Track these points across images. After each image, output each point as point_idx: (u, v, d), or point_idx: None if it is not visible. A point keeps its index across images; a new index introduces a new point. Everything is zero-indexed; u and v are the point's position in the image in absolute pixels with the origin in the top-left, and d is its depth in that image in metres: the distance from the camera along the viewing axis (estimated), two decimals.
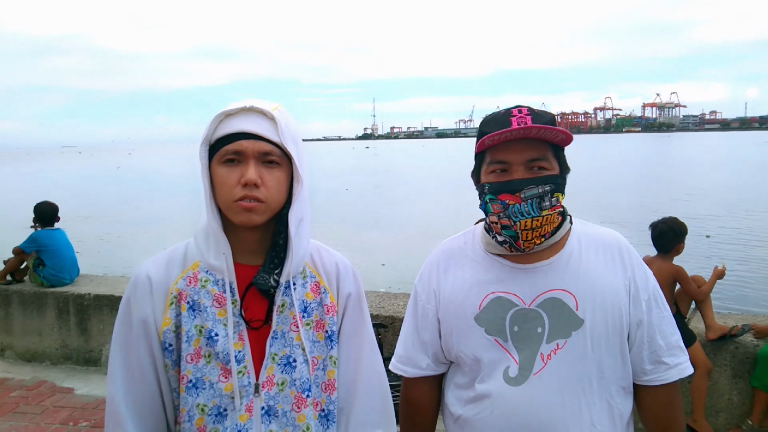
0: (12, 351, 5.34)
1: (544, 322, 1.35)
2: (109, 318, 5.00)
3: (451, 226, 14.65)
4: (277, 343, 1.23)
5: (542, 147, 1.32)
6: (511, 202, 1.31)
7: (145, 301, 1.20)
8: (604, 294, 1.35)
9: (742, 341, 3.59)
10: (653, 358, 1.38)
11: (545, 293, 1.36)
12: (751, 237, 14.50)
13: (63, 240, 5.47)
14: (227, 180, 1.17)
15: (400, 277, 10.60)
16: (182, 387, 1.18)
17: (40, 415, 4.14)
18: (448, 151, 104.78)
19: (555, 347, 1.34)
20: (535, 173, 1.32)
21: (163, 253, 1.28)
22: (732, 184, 28.18)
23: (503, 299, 1.38)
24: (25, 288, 5.33)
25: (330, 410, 1.27)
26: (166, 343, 1.19)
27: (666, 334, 1.39)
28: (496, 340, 1.37)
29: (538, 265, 1.38)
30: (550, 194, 1.31)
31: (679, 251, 3.81)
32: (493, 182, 1.34)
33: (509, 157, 1.32)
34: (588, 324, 1.34)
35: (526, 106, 1.36)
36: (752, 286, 10.01)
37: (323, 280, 1.31)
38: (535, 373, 1.33)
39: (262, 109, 1.19)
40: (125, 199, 27.48)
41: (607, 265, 1.39)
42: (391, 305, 4.35)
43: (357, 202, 22.94)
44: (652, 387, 1.40)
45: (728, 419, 3.63)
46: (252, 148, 1.16)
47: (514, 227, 1.32)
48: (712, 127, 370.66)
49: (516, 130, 1.29)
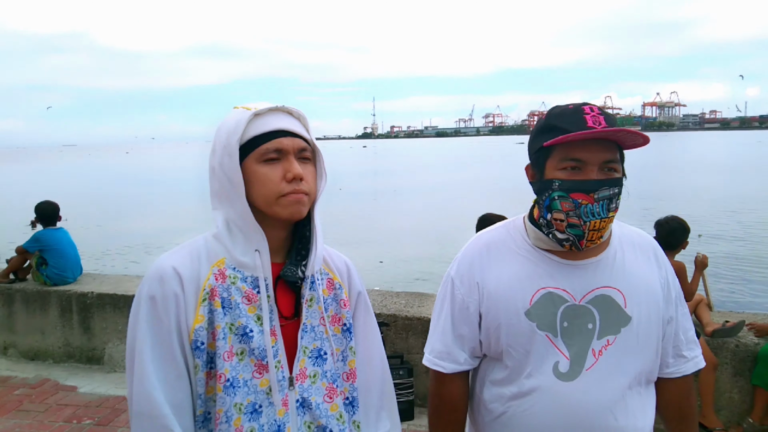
0: (15, 349, 5.36)
1: (594, 318, 1.37)
2: (112, 316, 5.03)
3: (449, 226, 14.69)
4: (307, 336, 1.25)
5: (614, 149, 1.33)
6: (584, 201, 1.31)
7: (177, 296, 1.15)
8: (647, 292, 1.41)
9: (742, 341, 3.61)
10: (675, 352, 1.47)
11: (595, 290, 1.39)
12: (748, 235, 14.54)
13: (66, 239, 5.48)
14: (271, 177, 1.19)
15: (398, 276, 10.64)
16: (219, 386, 1.15)
17: (43, 413, 4.16)
18: (448, 151, 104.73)
19: (606, 343, 1.37)
20: (607, 174, 1.32)
21: (180, 248, 1.24)
22: (725, 183, 28.23)
23: (554, 295, 1.39)
24: (28, 286, 5.35)
25: (354, 397, 1.32)
26: (198, 341, 1.15)
27: (686, 329, 1.49)
28: (547, 335, 1.38)
29: (587, 262, 1.40)
30: (617, 197, 1.33)
31: (684, 247, 3.93)
32: (566, 179, 1.32)
33: (586, 156, 1.31)
34: (635, 320, 1.39)
35: (595, 105, 1.35)
36: (752, 285, 10.03)
37: (336, 276, 1.35)
38: (587, 369, 1.36)
39: (290, 108, 1.24)
40: (128, 198, 27.50)
41: (646, 264, 1.44)
42: (393, 304, 4.37)
43: (354, 202, 22.95)
44: (672, 379, 1.48)
45: (729, 417, 3.65)
46: (292, 145, 1.20)
47: (583, 227, 1.32)
48: (712, 126, 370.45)
49: (600, 131, 1.28)
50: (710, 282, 4.43)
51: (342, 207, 19.80)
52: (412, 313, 4.17)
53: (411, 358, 4.11)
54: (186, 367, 1.16)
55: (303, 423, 1.22)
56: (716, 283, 9.12)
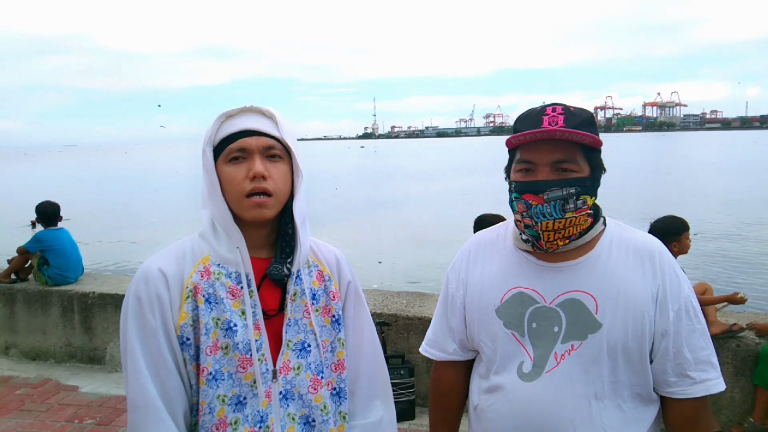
0: (17, 349, 5.37)
1: (561, 321, 1.35)
2: (113, 316, 5.03)
3: (446, 225, 14.67)
4: (291, 329, 1.29)
5: (570, 148, 1.31)
6: (534, 202, 1.31)
7: (161, 295, 1.21)
8: (627, 299, 1.33)
9: (743, 339, 3.62)
10: (678, 371, 1.34)
11: (566, 293, 1.36)
12: (748, 234, 14.53)
13: (67, 239, 5.48)
14: (235, 176, 1.23)
15: (396, 274, 10.64)
16: (202, 379, 1.21)
17: (45, 413, 4.16)
18: (446, 151, 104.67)
19: (570, 348, 1.34)
20: (560, 175, 1.31)
21: (167, 250, 1.29)
22: (725, 182, 28.22)
23: (525, 295, 1.39)
24: (30, 286, 5.35)
25: (341, 388, 1.35)
26: (184, 337, 1.21)
27: (695, 348, 1.35)
28: (513, 334, 1.39)
29: (564, 265, 1.38)
30: (575, 197, 1.30)
31: (677, 251, 3.70)
32: (519, 181, 1.35)
33: (535, 158, 1.32)
34: (606, 328, 1.32)
35: (561, 105, 1.35)
36: (752, 284, 10.02)
37: (326, 268, 1.38)
38: (547, 371, 1.34)
39: (260, 108, 1.28)
40: (126, 198, 27.51)
41: (635, 270, 1.35)
42: (393, 304, 4.37)
43: (350, 201, 22.97)
44: (677, 400, 1.36)
45: (730, 417, 3.66)
46: (256, 144, 1.23)
47: (536, 227, 1.33)
48: (712, 126, 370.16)
49: (540, 131, 1.29)
50: (711, 282, 4.40)
51: (341, 207, 19.82)
52: (413, 313, 4.18)
53: (412, 358, 4.11)
54: (175, 361, 1.21)
55: (286, 414, 1.26)
56: (717, 282, 9.12)
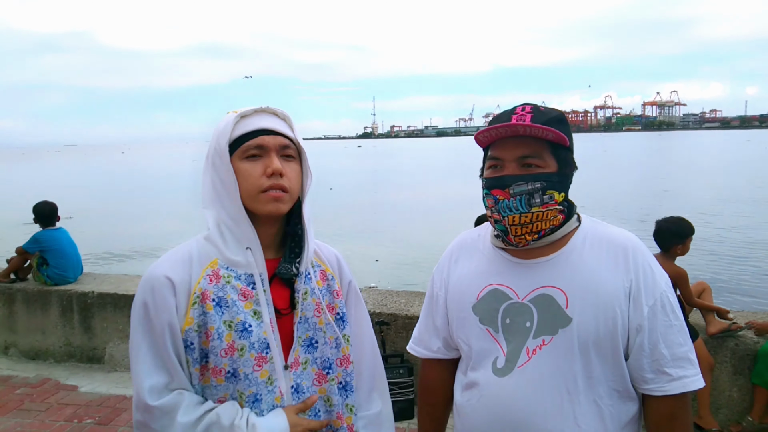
0: (16, 349, 5.37)
1: (533, 316, 1.37)
2: (112, 316, 5.04)
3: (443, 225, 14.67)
4: (302, 327, 1.33)
5: (536, 145, 1.34)
6: (501, 197, 1.35)
7: (168, 302, 1.23)
8: (598, 294, 1.33)
9: (742, 338, 3.62)
10: (655, 367, 1.33)
11: (538, 289, 1.38)
12: (749, 232, 14.55)
13: (66, 239, 5.48)
14: (252, 172, 1.26)
15: (394, 273, 10.64)
16: (221, 378, 1.25)
17: (45, 412, 4.17)
18: (444, 151, 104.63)
19: (541, 343, 1.35)
20: (525, 170, 1.34)
21: (173, 253, 1.31)
22: (726, 182, 28.24)
23: (499, 291, 1.42)
24: (29, 286, 5.36)
25: (348, 381, 1.40)
26: (188, 341, 1.24)
27: (672, 344, 1.33)
28: (488, 330, 1.42)
29: (536, 261, 1.40)
30: (541, 191, 1.33)
31: (680, 252, 3.72)
32: (488, 177, 1.40)
33: (501, 154, 1.37)
34: (576, 323, 1.32)
35: (531, 104, 1.39)
36: (752, 283, 10.04)
37: (328, 268, 1.43)
38: (519, 366, 1.36)
39: (275, 109, 1.32)
40: (128, 198, 27.50)
41: (608, 266, 1.35)
42: (393, 303, 4.38)
43: (346, 201, 22.98)
44: (654, 397, 1.35)
45: (728, 416, 3.66)
46: (273, 142, 1.28)
47: (503, 222, 1.36)
48: (712, 125, 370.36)
49: (502, 126, 1.33)
50: (712, 281, 4.40)
51: (337, 206, 19.84)
52: (412, 312, 4.18)
53: (411, 357, 4.11)
54: (180, 361, 1.25)
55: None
56: (717, 282, 9.13)
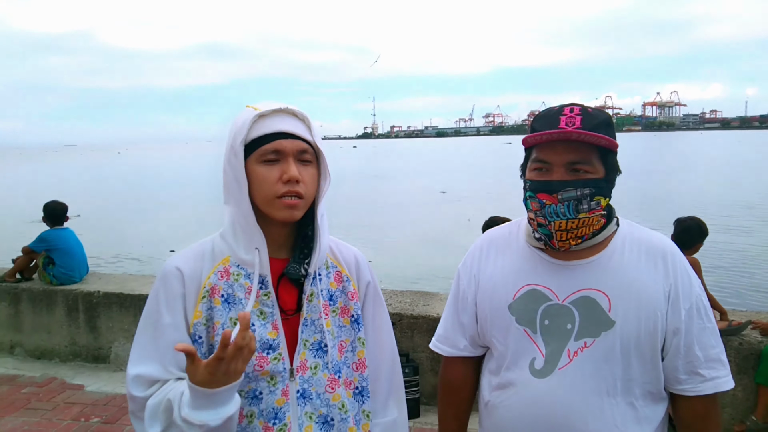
0: (22, 348, 5.39)
1: (574, 319, 1.36)
2: (118, 316, 5.05)
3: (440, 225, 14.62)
4: (307, 329, 1.30)
5: (586, 150, 1.33)
6: (548, 202, 1.33)
7: (177, 292, 1.24)
8: (639, 297, 1.34)
9: (746, 338, 3.64)
10: (689, 369, 1.36)
11: (579, 291, 1.37)
12: (753, 233, 14.56)
13: (72, 239, 5.50)
14: (268, 177, 1.23)
15: (390, 273, 10.64)
16: None
17: (51, 411, 4.19)
18: (443, 151, 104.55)
19: (582, 345, 1.35)
20: (575, 176, 1.33)
21: (190, 249, 1.32)
22: (727, 181, 28.25)
23: (537, 292, 1.41)
24: (35, 286, 5.37)
25: (363, 387, 1.36)
26: (196, 335, 1.23)
27: (705, 346, 1.36)
28: (526, 330, 1.41)
29: (576, 263, 1.39)
30: (589, 197, 1.32)
31: (697, 250, 3.97)
32: (534, 180, 1.37)
33: (551, 158, 1.34)
34: (619, 326, 1.34)
35: (579, 105, 1.37)
36: (756, 283, 10.06)
37: (344, 269, 1.39)
38: (559, 368, 1.36)
39: (294, 110, 1.27)
40: (128, 198, 27.51)
41: (648, 269, 1.37)
42: (398, 303, 4.40)
43: (343, 201, 23.00)
44: (687, 397, 1.38)
45: (732, 415, 3.68)
46: (291, 147, 1.23)
47: (549, 227, 1.35)
48: (712, 126, 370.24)
49: (556, 132, 1.31)
50: (711, 282, 4.46)
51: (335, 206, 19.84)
52: (418, 312, 4.20)
53: (416, 357, 4.13)
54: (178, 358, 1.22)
55: (303, 413, 1.27)
56: (718, 281, 9.15)
